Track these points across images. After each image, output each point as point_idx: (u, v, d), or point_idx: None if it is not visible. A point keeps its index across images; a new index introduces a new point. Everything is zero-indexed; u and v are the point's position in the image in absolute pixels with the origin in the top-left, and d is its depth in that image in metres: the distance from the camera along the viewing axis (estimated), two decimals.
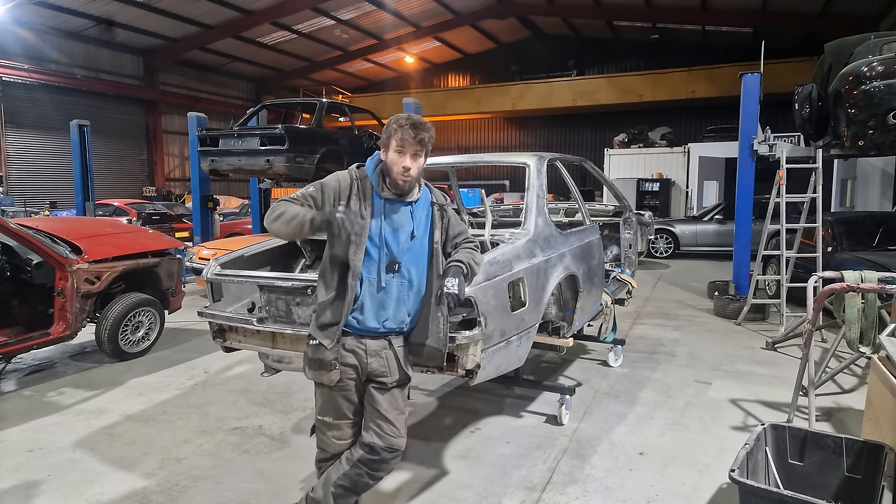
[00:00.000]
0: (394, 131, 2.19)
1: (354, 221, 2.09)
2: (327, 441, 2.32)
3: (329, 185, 2.26)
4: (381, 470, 2.28)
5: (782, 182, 6.28)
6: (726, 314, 6.92)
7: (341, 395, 2.26)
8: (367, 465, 2.25)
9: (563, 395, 3.84)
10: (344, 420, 2.28)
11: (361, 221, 2.17)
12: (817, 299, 3.77)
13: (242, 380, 4.77)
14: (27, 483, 3.13)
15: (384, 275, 2.22)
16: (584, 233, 4.31)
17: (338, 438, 2.30)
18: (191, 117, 9.60)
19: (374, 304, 2.23)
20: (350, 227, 2.05)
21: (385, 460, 2.25)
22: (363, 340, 2.25)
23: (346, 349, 2.23)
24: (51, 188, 18.82)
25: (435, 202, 2.37)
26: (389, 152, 2.21)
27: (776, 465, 2.69)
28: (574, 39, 25.01)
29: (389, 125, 2.22)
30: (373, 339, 2.26)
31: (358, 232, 2.14)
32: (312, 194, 2.24)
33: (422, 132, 2.18)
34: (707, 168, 15.56)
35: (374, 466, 2.25)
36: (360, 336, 2.25)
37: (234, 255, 3.53)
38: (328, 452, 2.33)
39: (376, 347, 2.26)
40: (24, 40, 17.68)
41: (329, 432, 2.30)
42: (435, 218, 2.35)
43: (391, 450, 2.26)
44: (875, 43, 5.95)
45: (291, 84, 26.97)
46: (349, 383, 2.25)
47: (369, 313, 2.23)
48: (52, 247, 4.73)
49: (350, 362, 2.24)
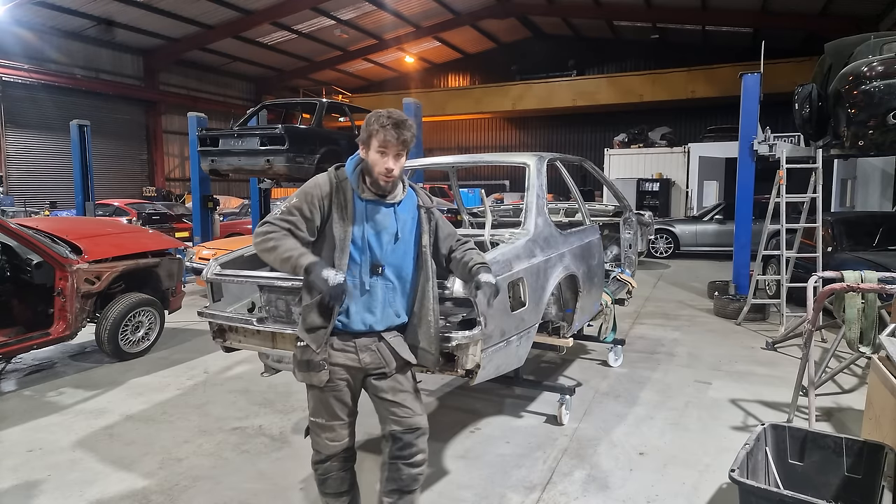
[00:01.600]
0: (375, 131, 2.12)
1: (340, 295, 2.06)
2: (321, 443, 2.30)
3: (312, 194, 2.18)
4: (413, 455, 2.25)
5: (782, 182, 6.28)
6: (726, 314, 6.92)
7: (332, 395, 2.24)
8: (398, 457, 2.24)
9: (563, 395, 3.84)
10: (337, 421, 2.27)
11: (347, 289, 2.12)
12: (817, 299, 3.77)
13: (242, 380, 4.77)
14: (27, 483, 3.13)
15: (368, 278, 2.20)
16: (584, 233, 4.31)
17: (331, 440, 2.28)
18: (191, 117, 9.60)
19: (359, 307, 2.20)
20: (335, 299, 2.06)
21: (410, 443, 2.24)
22: (352, 339, 2.23)
23: (335, 349, 2.21)
24: (51, 188, 18.82)
25: (421, 205, 2.34)
26: (371, 152, 2.15)
27: (776, 465, 2.69)
28: (574, 39, 25.01)
29: (370, 123, 2.14)
30: (361, 338, 2.24)
31: (338, 299, 2.08)
32: (301, 211, 2.15)
33: (405, 132, 2.13)
34: (707, 168, 15.56)
35: (405, 454, 2.24)
36: (349, 335, 2.22)
37: (234, 255, 3.53)
38: (323, 454, 2.31)
39: (366, 342, 2.24)
40: (24, 40, 17.68)
41: (322, 434, 2.28)
42: (422, 221, 2.32)
43: (411, 430, 2.24)
44: (875, 43, 5.95)
45: (291, 84, 26.96)
46: (340, 384, 2.23)
47: (355, 316, 2.21)
48: (52, 247, 4.73)
49: (340, 362, 2.21)
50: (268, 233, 2.13)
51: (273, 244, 2.10)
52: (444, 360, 2.79)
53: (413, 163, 4.50)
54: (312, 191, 2.19)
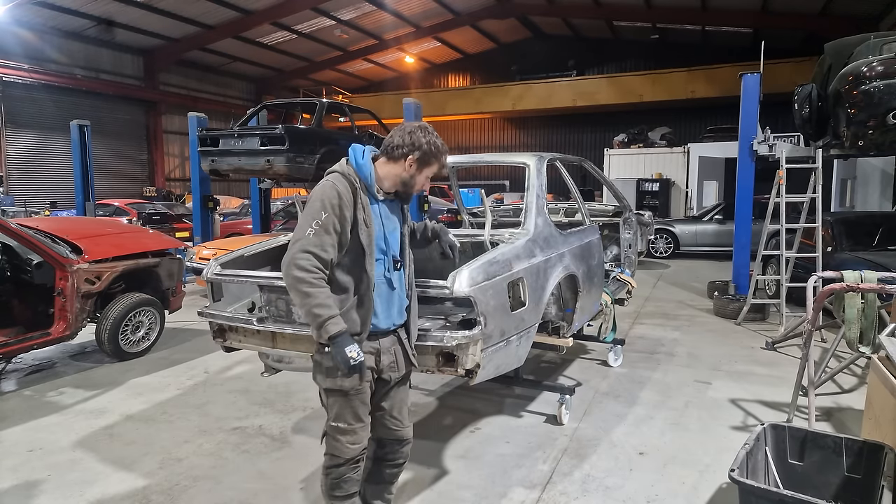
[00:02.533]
0: (435, 159, 2.27)
1: (356, 376, 2.13)
2: (341, 447, 2.23)
3: (339, 204, 2.10)
4: (396, 458, 2.44)
5: (782, 182, 6.28)
6: (726, 314, 6.92)
7: (359, 398, 2.23)
8: (382, 458, 2.42)
9: (563, 395, 3.84)
10: (359, 423, 2.25)
11: (364, 377, 2.19)
12: (817, 299, 3.77)
13: (242, 380, 4.77)
14: (27, 483, 3.13)
15: (392, 273, 2.26)
16: (583, 233, 4.31)
17: (352, 443, 2.24)
18: (191, 117, 9.59)
19: (384, 304, 2.25)
20: (349, 377, 2.12)
21: (395, 451, 2.42)
22: (377, 341, 2.26)
23: (364, 352, 2.18)
24: (51, 188, 18.83)
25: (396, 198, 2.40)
26: (420, 175, 2.26)
27: (776, 464, 2.69)
28: (574, 39, 25.03)
29: (430, 146, 2.23)
30: (385, 338, 2.29)
31: (353, 379, 2.15)
32: (334, 227, 2.09)
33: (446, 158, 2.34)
34: (707, 168, 15.56)
35: (389, 458, 2.42)
36: (374, 336, 2.25)
37: (234, 255, 3.53)
38: (341, 458, 2.24)
39: (388, 345, 2.30)
40: (24, 40, 17.69)
41: (343, 437, 2.23)
42: (404, 211, 2.41)
43: (398, 440, 2.41)
44: (875, 43, 5.95)
45: (291, 84, 26.98)
46: (365, 386, 2.24)
47: (382, 315, 2.24)
48: (52, 247, 4.73)
49: (368, 364, 2.21)
50: (305, 271, 2.03)
51: (306, 289, 2.03)
52: (444, 360, 2.79)
53: None
54: (335, 201, 2.10)
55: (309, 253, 2.05)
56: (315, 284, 2.05)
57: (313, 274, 2.05)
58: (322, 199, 2.11)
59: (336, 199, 2.10)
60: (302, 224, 2.11)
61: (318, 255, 2.06)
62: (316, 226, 2.07)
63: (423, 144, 2.20)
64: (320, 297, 2.04)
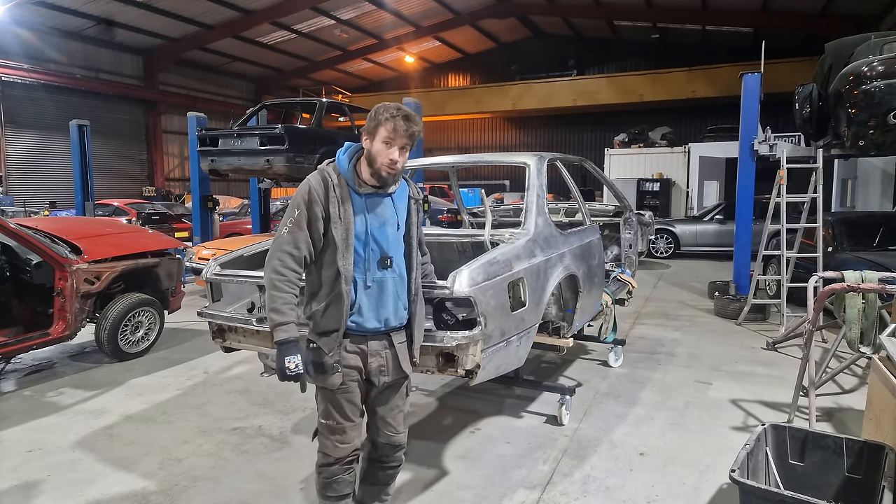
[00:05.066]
0: (384, 120, 2.10)
1: (290, 381, 2.11)
2: (330, 445, 2.26)
3: (309, 199, 2.12)
4: (390, 461, 2.41)
5: (782, 182, 6.27)
6: (727, 314, 6.91)
7: (344, 397, 2.22)
8: (376, 461, 2.40)
9: (563, 396, 3.84)
10: (348, 423, 2.25)
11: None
12: (818, 299, 3.77)
13: (242, 380, 4.77)
14: (27, 483, 3.12)
15: (377, 272, 2.19)
16: (584, 233, 4.30)
17: (340, 442, 2.25)
18: (190, 117, 9.59)
19: (371, 303, 2.19)
20: (285, 380, 2.10)
21: (389, 455, 2.39)
22: (365, 342, 2.22)
23: (348, 351, 2.20)
24: (51, 188, 18.82)
25: (412, 196, 2.35)
26: (375, 142, 2.13)
27: (776, 465, 2.69)
28: (574, 39, 25.01)
29: (378, 113, 2.13)
30: (374, 340, 2.24)
31: (289, 380, 2.11)
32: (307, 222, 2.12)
33: (413, 125, 2.14)
34: (707, 168, 15.56)
35: (383, 461, 2.40)
36: (362, 337, 2.22)
37: (234, 255, 3.52)
38: (331, 457, 2.27)
39: (377, 348, 2.24)
40: (24, 40, 17.68)
41: (332, 436, 2.25)
42: (412, 212, 2.33)
43: (392, 445, 2.38)
44: (875, 43, 5.94)
45: (291, 84, 26.96)
46: (351, 385, 2.22)
47: (369, 314, 2.19)
48: (51, 247, 4.73)
49: (352, 364, 2.20)
50: (274, 273, 2.11)
51: (271, 292, 2.11)
52: (444, 361, 2.79)
53: (413, 163, 4.49)
54: (307, 195, 2.13)
55: (282, 252, 2.12)
56: (278, 287, 2.10)
57: (280, 276, 2.10)
58: (296, 196, 2.17)
59: (307, 194, 2.14)
60: (282, 222, 2.17)
61: (291, 254, 2.11)
62: (290, 223, 2.13)
63: (371, 115, 2.16)
64: (277, 302, 2.09)
